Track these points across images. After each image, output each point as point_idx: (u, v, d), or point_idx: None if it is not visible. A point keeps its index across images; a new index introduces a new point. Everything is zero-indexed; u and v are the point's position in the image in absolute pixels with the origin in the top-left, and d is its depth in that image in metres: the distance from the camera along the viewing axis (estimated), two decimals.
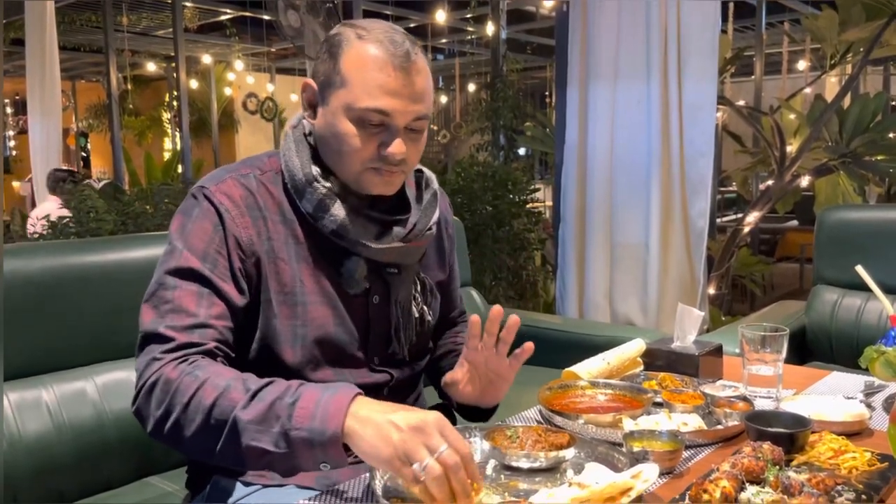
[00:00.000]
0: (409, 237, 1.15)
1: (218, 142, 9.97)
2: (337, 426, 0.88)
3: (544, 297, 4.16)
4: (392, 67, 1.05)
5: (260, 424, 0.91)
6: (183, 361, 0.99)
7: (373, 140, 1.07)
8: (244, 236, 1.08)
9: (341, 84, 1.07)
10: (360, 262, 1.13)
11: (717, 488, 0.88)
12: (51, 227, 3.11)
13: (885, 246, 2.23)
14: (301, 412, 0.90)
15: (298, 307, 1.10)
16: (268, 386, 0.95)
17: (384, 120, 1.06)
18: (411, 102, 1.07)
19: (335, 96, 1.08)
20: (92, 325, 1.48)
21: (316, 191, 1.10)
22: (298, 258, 1.12)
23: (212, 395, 0.94)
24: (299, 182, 1.11)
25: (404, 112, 1.06)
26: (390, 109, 1.06)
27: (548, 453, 1.01)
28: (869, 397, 1.30)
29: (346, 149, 1.08)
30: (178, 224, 1.10)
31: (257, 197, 1.11)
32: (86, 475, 1.43)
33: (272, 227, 1.11)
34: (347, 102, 1.06)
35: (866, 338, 2.09)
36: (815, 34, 3.88)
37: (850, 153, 3.64)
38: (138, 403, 1.00)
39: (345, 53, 1.07)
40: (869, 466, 0.99)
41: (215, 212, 1.08)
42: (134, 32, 8.42)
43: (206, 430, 0.94)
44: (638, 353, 1.45)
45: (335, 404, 0.90)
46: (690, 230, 3.02)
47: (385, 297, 1.18)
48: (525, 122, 5.23)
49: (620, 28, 3.04)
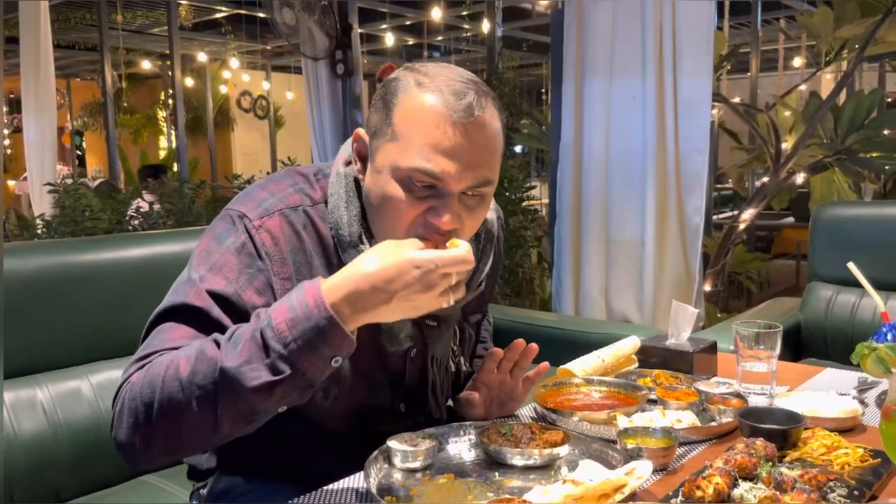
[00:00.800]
0: None
1: (214, 140, 9.94)
2: (324, 311, 0.83)
3: (540, 295, 4.17)
4: (449, 123, 0.92)
5: (252, 362, 0.84)
6: (140, 368, 0.92)
7: (422, 204, 0.94)
8: (279, 287, 0.98)
9: (391, 138, 0.95)
10: (405, 322, 1.03)
11: (710, 485, 0.88)
12: (45, 225, 3.11)
13: (879, 242, 2.24)
14: (282, 326, 0.84)
15: None
16: (237, 330, 0.88)
17: (435, 183, 0.93)
18: (469, 167, 0.93)
19: (384, 152, 0.96)
20: (87, 324, 1.48)
21: (359, 252, 0.97)
22: None
23: (186, 367, 0.86)
24: (344, 239, 1.01)
25: (459, 178, 0.93)
26: (441, 173, 0.92)
27: (542, 451, 1.01)
28: (862, 393, 1.30)
29: (391, 213, 0.95)
30: (204, 249, 0.99)
31: (304, 240, 1.01)
32: (82, 474, 1.43)
33: (315, 272, 1.01)
34: (395, 161, 0.94)
35: (860, 334, 2.10)
36: (811, 31, 3.89)
37: (845, 150, 3.65)
38: (114, 432, 0.93)
39: (399, 104, 0.95)
40: (861, 462, 1.00)
41: (255, 254, 0.97)
42: (129, 30, 8.38)
43: (198, 403, 0.85)
44: (633, 351, 1.46)
45: (309, 295, 0.84)
46: (686, 227, 3.03)
47: (422, 351, 1.11)
48: (521, 119, 5.22)
49: (615, 24, 3.04)
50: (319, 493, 0.96)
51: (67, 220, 3.10)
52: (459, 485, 0.97)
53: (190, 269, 0.99)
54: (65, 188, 3.23)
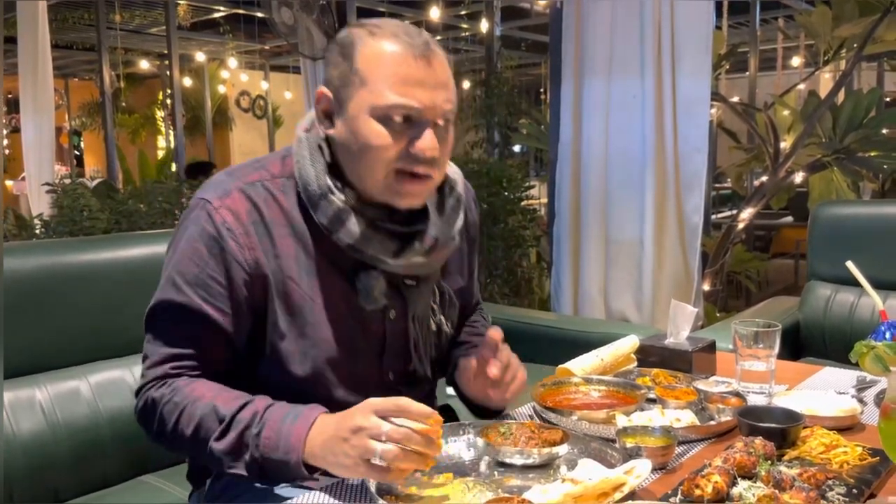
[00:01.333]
0: (431, 251, 1.09)
1: (212, 140, 9.94)
2: (298, 457, 0.92)
3: (539, 294, 4.17)
4: (413, 58, 0.99)
5: (233, 454, 0.97)
6: (163, 385, 1.03)
7: (401, 139, 1.00)
8: (248, 258, 1.03)
9: (360, 84, 1.00)
10: (378, 277, 1.07)
11: (708, 483, 0.88)
12: (43, 226, 3.11)
13: (878, 241, 2.24)
14: (266, 442, 0.94)
15: (308, 328, 1.06)
16: (239, 412, 0.97)
17: (411, 115, 1.00)
18: (438, 95, 1.00)
19: (355, 99, 1.01)
20: (86, 324, 1.48)
21: (332, 204, 1.04)
22: (309, 274, 1.06)
23: (190, 425, 0.99)
24: (314, 193, 1.05)
25: (432, 104, 1.00)
26: (418, 103, 0.99)
27: (541, 450, 1.01)
28: (861, 392, 1.30)
29: (372, 153, 1.00)
30: (177, 242, 1.06)
31: (264, 211, 1.05)
32: (81, 474, 1.43)
33: (279, 242, 1.05)
34: (370, 102, 0.99)
35: (859, 333, 2.09)
36: (809, 30, 3.89)
37: (843, 149, 3.65)
38: (138, 417, 1.08)
39: (360, 53, 1.01)
40: (860, 461, 1.00)
41: (217, 234, 1.02)
42: (127, 30, 8.37)
43: (193, 450, 1.03)
44: (632, 350, 1.46)
45: (295, 435, 0.93)
46: (685, 226, 3.03)
47: (402, 312, 1.13)
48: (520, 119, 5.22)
49: (614, 24, 3.04)
50: (318, 492, 0.96)
51: (66, 220, 3.09)
52: (459, 484, 0.97)
53: (167, 264, 1.07)
54: (63, 188, 3.23)
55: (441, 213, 1.12)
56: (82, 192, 3.21)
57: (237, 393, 1.02)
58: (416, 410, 0.88)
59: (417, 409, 0.88)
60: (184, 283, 1.03)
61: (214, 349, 1.06)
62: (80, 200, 3.11)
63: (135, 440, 1.47)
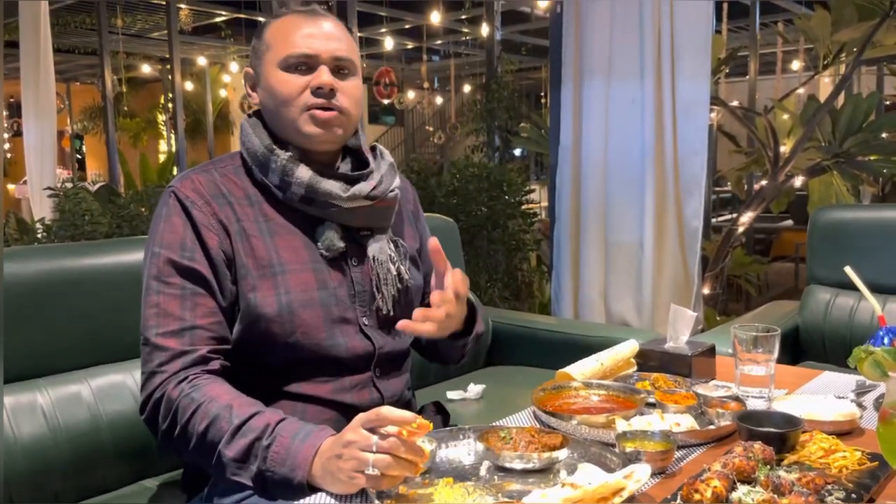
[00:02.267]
0: (374, 194, 1.21)
1: (213, 143, 9.96)
2: (303, 476, 0.96)
3: (539, 298, 4.17)
4: (303, 19, 1.20)
5: (240, 462, 1.01)
6: (182, 380, 1.07)
7: (302, 83, 1.17)
8: (213, 222, 1.14)
9: (267, 49, 1.20)
10: (333, 225, 1.19)
11: (708, 488, 0.88)
12: (45, 230, 3.11)
13: (877, 246, 2.24)
14: (274, 456, 0.98)
15: (278, 277, 1.15)
16: (251, 420, 1.02)
17: (308, 61, 1.18)
18: (327, 41, 1.18)
19: (265, 63, 1.20)
20: (87, 329, 1.48)
21: (278, 158, 1.17)
22: (271, 233, 1.18)
23: (203, 421, 1.03)
24: (262, 155, 1.18)
25: (325, 49, 1.18)
26: (310, 49, 1.17)
27: (541, 454, 1.02)
28: (860, 397, 1.31)
29: (282, 100, 1.17)
30: (152, 229, 1.17)
31: (220, 185, 1.18)
32: (81, 478, 1.43)
33: (239, 209, 1.17)
34: (274, 60, 1.18)
35: (859, 337, 2.10)
36: (809, 34, 3.90)
37: (843, 153, 3.65)
38: (146, 415, 1.10)
39: (266, 29, 1.22)
40: (859, 465, 1.00)
41: (181, 207, 1.15)
42: (129, 34, 8.40)
43: (200, 451, 1.05)
44: (631, 354, 1.46)
45: (302, 455, 0.97)
46: (685, 230, 3.03)
47: (362, 258, 1.23)
48: (520, 122, 5.23)
49: (613, 28, 3.05)
50: (319, 495, 0.97)
51: (67, 224, 3.09)
52: (458, 488, 0.97)
53: (147, 247, 1.16)
54: (65, 192, 3.23)
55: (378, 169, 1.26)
56: (84, 197, 3.21)
57: (251, 399, 1.07)
58: (395, 417, 0.92)
59: (396, 416, 0.93)
60: (167, 250, 1.12)
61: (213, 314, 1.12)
62: (81, 205, 3.11)
63: (135, 445, 1.47)
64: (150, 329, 1.10)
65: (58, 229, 3.12)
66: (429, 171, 4.25)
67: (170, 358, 1.08)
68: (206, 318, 1.11)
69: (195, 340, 1.10)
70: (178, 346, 1.09)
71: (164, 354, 1.08)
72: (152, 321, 1.10)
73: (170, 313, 1.10)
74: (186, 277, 1.12)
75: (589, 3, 3.09)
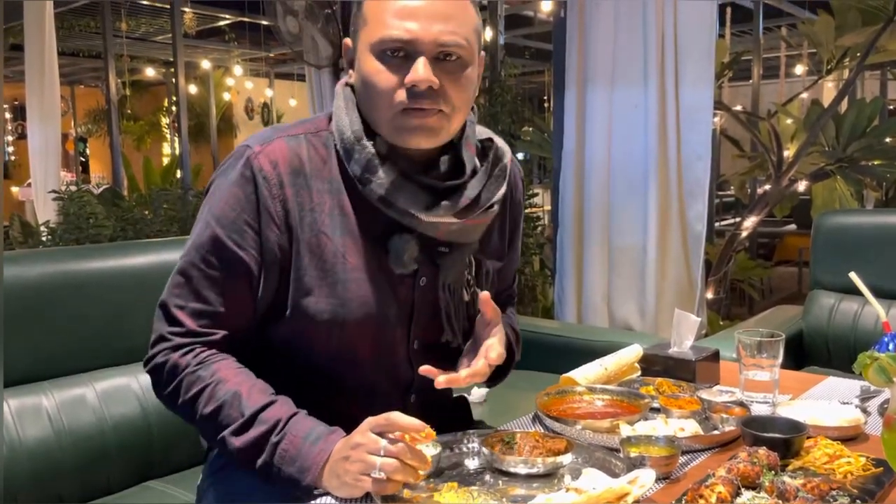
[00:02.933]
0: (465, 211, 1.05)
1: (217, 147, 9.97)
2: (312, 480, 0.94)
3: (542, 302, 4.17)
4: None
5: (247, 453, 0.98)
6: (189, 352, 1.02)
7: (399, 75, 1.00)
8: (279, 210, 1.03)
9: (363, 24, 1.02)
10: (411, 240, 1.05)
11: (712, 493, 0.88)
12: (50, 233, 3.12)
13: (881, 251, 2.24)
14: (283, 454, 0.96)
15: (339, 286, 1.04)
16: (262, 412, 0.98)
17: (405, 47, 0.99)
18: (432, 23, 0.98)
19: (361, 38, 1.03)
20: (92, 332, 1.48)
21: (364, 149, 1.03)
22: (343, 231, 1.05)
23: (210, 404, 0.99)
24: (348, 141, 1.05)
25: (426, 35, 0.98)
26: (407, 34, 0.98)
27: (545, 459, 1.02)
28: (864, 402, 1.30)
29: (375, 92, 1.01)
30: (216, 185, 1.06)
31: (305, 162, 1.05)
32: (86, 480, 1.43)
33: (317, 196, 1.05)
34: (369, 39, 1.01)
35: (863, 342, 2.10)
36: (812, 39, 3.90)
37: (846, 158, 3.65)
38: (149, 369, 1.06)
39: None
40: (864, 471, 1.00)
41: (252, 179, 1.02)
42: (133, 38, 8.42)
43: (204, 429, 1.02)
44: (635, 359, 1.46)
45: (313, 458, 0.95)
46: (688, 234, 3.03)
47: (433, 279, 1.10)
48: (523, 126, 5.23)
49: (617, 32, 3.05)
50: (323, 498, 0.97)
51: (72, 227, 3.10)
52: (463, 493, 0.97)
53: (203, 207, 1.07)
54: (69, 195, 3.24)
55: (481, 175, 1.09)
56: (88, 200, 3.23)
57: (262, 385, 1.02)
58: (405, 424, 0.92)
59: (406, 423, 0.92)
60: (219, 227, 1.03)
61: (241, 304, 1.05)
62: (86, 208, 3.12)
63: (140, 447, 1.48)
64: (172, 297, 1.04)
65: (62, 232, 3.13)
66: None
67: (181, 333, 1.03)
68: (232, 307, 1.04)
69: (212, 324, 1.04)
70: (194, 326, 1.03)
71: (177, 328, 1.03)
72: (177, 290, 1.04)
73: (198, 292, 1.03)
74: (227, 263, 1.03)
75: (592, 8, 3.10)
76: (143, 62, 9.79)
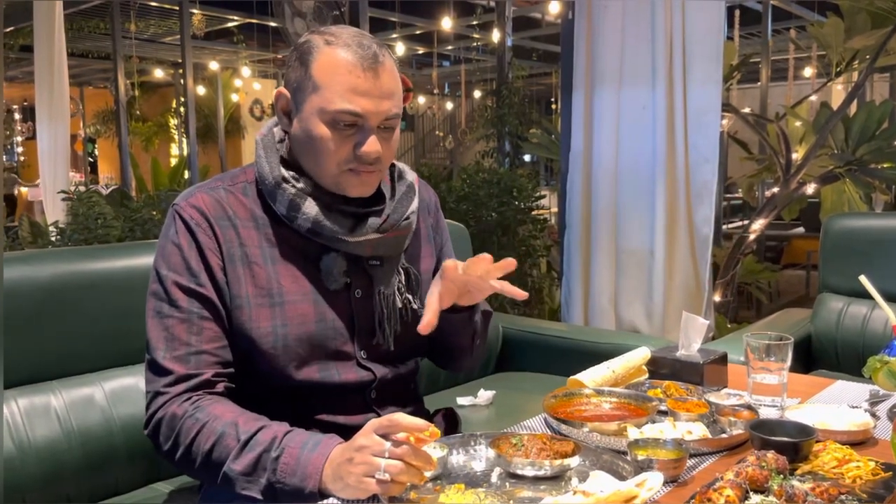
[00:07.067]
0: (385, 227, 1.17)
1: (224, 148, 10.00)
2: (314, 485, 0.96)
3: (549, 304, 4.17)
4: (361, 69, 1.08)
5: (248, 476, 1.00)
6: (186, 400, 1.07)
7: (348, 142, 1.11)
8: (216, 247, 1.13)
9: (314, 89, 1.10)
10: (337, 257, 1.16)
11: (721, 497, 0.88)
12: (59, 233, 3.14)
13: (890, 254, 2.23)
14: (284, 468, 0.98)
15: (276, 308, 1.13)
16: (257, 434, 1.02)
17: (357, 121, 1.10)
18: (381, 102, 1.10)
19: (308, 102, 1.11)
20: (100, 332, 1.49)
21: (286, 192, 1.14)
22: (274, 260, 1.15)
23: (209, 440, 1.03)
24: (269, 185, 1.15)
25: (376, 112, 1.10)
26: (362, 110, 1.09)
27: (553, 461, 1.02)
28: (873, 406, 1.30)
29: (322, 152, 1.11)
30: (160, 245, 1.16)
31: (226, 206, 1.15)
32: (94, 480, 1.44)
33: (244, 233, 1.15)
34: (321, 106, 1.09)
35: (872, 346, 2.09)
36: (821, 41, 3.88)
37: (855, 161, 3.63)
38: (149, 432, 1.10)
39: (315, 60, 1.10)
40: (873, 475, 0.99)
41: (187, 228, 1.13)
42: (141, 39, 8.46)
43: (206, 469, 1.05)
44: (643, 362, 1.46)
45: (312, 464, 0.97)
46: (696, 237, 3.02)
47: (368, 290, 1.20)
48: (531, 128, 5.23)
49: (625, 34, 3.05)
50: (330, 501, 0.97)
51: (81, 227, 3.12)
52: (470, 495, 0.97)
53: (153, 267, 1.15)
54: (78, 196, 3.26)
55: (393, 196, 1.22)
56: (97, 200, 3.24)
57: (255, 415, 1.07)
58: (407, 424, 0.93)
59: (408, 423, 0.93)
60: (175, 274, 1.11)
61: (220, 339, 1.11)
62: (94, 208, 3.13)
63: (148, 447, 1.46)
64: (156, 351, 1.10)
65: (71, 233, 3.14)
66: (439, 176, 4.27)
67: (175, 381, 1.08)
68: (211, 342, 1.11)
69: (200, 365, 1.09)
70: (184, 370, 1.08)
71: (170, 377, 1.08)
72: (161, 344, 1.10)
73: (177, 337, 1.09)
74: (193, 302, 1.10)
75: (600, 10, 3.10)
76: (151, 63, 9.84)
